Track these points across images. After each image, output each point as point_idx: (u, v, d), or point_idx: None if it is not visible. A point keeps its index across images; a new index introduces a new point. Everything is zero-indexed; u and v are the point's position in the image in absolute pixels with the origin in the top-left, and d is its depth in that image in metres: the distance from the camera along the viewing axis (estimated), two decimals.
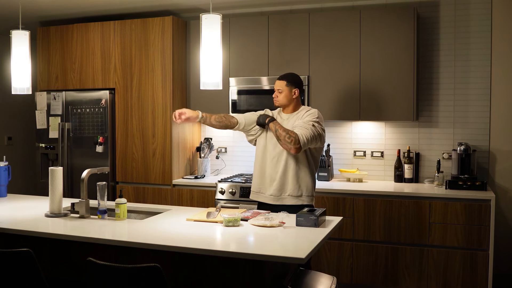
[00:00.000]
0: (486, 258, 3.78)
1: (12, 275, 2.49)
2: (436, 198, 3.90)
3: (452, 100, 4.37)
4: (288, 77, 3.37)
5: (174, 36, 4.65)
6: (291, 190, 3.27)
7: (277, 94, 3.37)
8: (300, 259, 2.21)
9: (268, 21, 4.50)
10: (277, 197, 3.30)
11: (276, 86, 3.37)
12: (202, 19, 2.92)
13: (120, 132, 4.80)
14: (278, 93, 3.36)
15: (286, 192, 3.28)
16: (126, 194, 4.72)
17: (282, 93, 3.34)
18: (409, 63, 4.14)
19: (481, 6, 4.25)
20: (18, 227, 2.77)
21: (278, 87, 3.36)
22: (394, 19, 4.17)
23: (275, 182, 3.30)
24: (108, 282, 2.26)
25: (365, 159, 4.60)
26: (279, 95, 3.36)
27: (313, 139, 3.17)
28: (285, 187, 3.28)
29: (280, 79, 3.37)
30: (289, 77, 3.37)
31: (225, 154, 5.04)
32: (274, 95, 3.38)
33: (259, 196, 3.40)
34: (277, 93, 3.36)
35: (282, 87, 3.34)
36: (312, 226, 2.73)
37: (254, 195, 3.45)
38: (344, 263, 4.11)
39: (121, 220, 2.93)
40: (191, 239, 2.53)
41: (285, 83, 3.34)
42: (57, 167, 3.10)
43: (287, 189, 3.28)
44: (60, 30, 5.00)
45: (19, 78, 3.51)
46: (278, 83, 3.36)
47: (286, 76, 3.38)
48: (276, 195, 3.30)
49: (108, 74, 4.83)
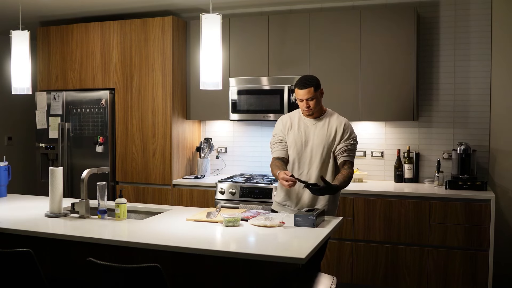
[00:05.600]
0: (486, 258, 3.78)
1: (12, 275, 2.49)
2: (436, 198, 3.90)
3: (452, 100, 4.37)
4: (311, 81, 3.09)
5: (174, 36, 4.65)
6: (322, 206, 3.12)
7: (308, 104, 3.09)
8: (300, 259, 2.21)
9: (268, 21, 4.50)
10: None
11: (303, 96, 3.07)
12: (202, 19, 2.92)
13: (120, 132, 4.80)
14: (309, 103, 3.09)
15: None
16: (126, 194, 4.72)
17: (314, 100, 3.08)
18: (409, 63, 4.14)
19: (481, 6, 4.25)
20: (18, 227, 2.77)
21: (307, 96, 3.06)
22: (394, 19, 4.17)
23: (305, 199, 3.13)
24: (108, 282, 2.26)
25: (365, 159, 4.60)
26: (311, 104, 3.09)
27: (355, 155, 3.19)
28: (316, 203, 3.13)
29: (305, 87, 3.06)
30: (312, 81, 3.09)
31: (225, 154, 5.04)
32: (305, 105, 3.09)
33: (285, 208, 3.21)
34: (308, 103, 3.09)
35: (312, 94, 3.06)
36: (310, 226, 2.73)
37: (278, 206, 3.25)
38: (344, 263, 4.11)
39: (121, 220, 2.93)
40: (191, 239, 2.53)
41: (313, 89, 3.06)
42: (57, 167, 3.10)
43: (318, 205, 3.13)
44: (60, 30, 5.00)
45: (19, 78, 3.51)
46: (306, 91, 3.06)
47: (309, 81, 3.09)
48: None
49: (108, 74, 4.83)
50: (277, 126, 3.28)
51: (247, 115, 4.54)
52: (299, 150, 3.17)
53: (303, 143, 3.16)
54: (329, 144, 3.13)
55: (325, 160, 3.14)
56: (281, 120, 3.29)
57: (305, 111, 3.14)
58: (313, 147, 3.15)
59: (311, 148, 3.15)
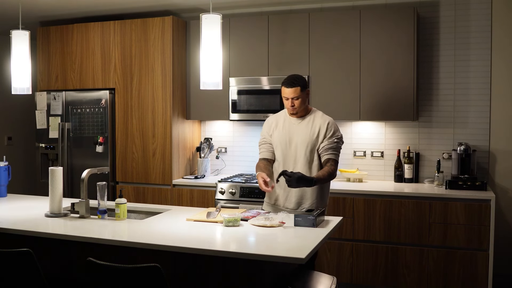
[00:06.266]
0: (486, 258, 3.78)
1: (12, 275, 2.49)
2: (436, 198, 3.89)
3: (452, 100, 4.37)
4: (298, 80, 3.11)
5: (174, 36, 4.65)
6: (309, 205, 3.16)
7: (293, 103, 3.10)
8: (300, 259, 2.21)
9: (268, 21, 4.50)
10: (294, 210, 3.16)
11: (289, 94, 3.09)
12: (202, 19, 2.92)
13: (120, 132, 4.80)
14: (294, 102, 3.11)
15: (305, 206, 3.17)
16: (126, 194, 4.72)
17: (299, 100, 3.10)
18: (409, 63, 4.14)
19: (481, 6, 4.25)
20: (18, 227, 2.77)
21: (293, 95, 3.09)
22: (394, 19, 4.17)
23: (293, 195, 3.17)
24: (108, 282, 2.26)
25: (365, 159, 4.60)
26: (296, 103, 3.11)
27: (339, 153, 3.20)
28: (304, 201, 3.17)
29: (292, 86, 3.09)
30: (299, 81, 3.12)
31: (225, 154, 5.04)
32: (290, 104, 3.11)
33: (275, 207, 3.24)
34: (293, 102, 3.11)
35: (298, 93, 3.09)
36: (310, 226, 2.73)
37: (268, 206, 3.30)
38: (344, 263, 4.11)
39: (121, 220, 2.93)
40: (191, 239, 2.53)
41: (299, 88, 3.08)
42: (57, 167, 3.10)
43: (306, 203, 3.16)
44: (60, 30, 5.00)
45: (19, 78, 3.51)
46: (292, 90, 3.08)
47: (296, 80, 3.11)
48: (294, 208, 3.17)
49: (108, 74, 4.83)
50: (263, 127, 3.35)
51: (247, 115, 4.54)
52: (284, 149, 3.21)
53: (287, 142, 3.20)
54: (313, 143, 3.15)
55: (309, 158, 3.16)
56: (267, 121, 3.35)
57: (290, 109, 3.18)
58: (297, 145, 3.17)
59: (295, 147, 3.18)
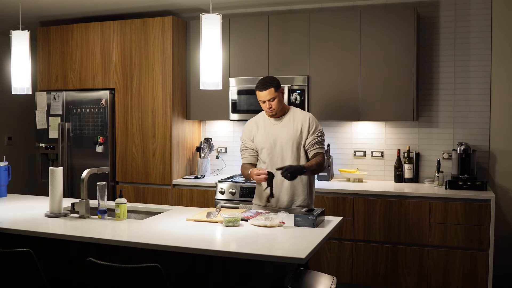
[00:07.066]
0: (486, 258, 3.78)
1: (12, 275, 2.49)
2: (436, 198, 3.89)
3: (452, 100, 4.37)
4: (271, 82, 3.15)
5: (174, 36, 4.65)
6: (301, 201, 3.20)
7: (270, 104, 3.14)
8: (300, 259, 2.21)
9: (268, 21, 4.50)
10: (287, 208, 3.18)
11: (265, 97, 3.13)
12: (202, 19, 2.92)
13: (120, 132, 4.80)
14: (271, 103, 3.14)
15: (296, 203, 3.20)
16: (126, 194, 4.72)
17: (275, 100, 3.14)
18: (409, 63, 4.14)
19: (481, 6, 4.25)
20: (18, 227, 2.77)
21: (269, 97, 3.12)
22: (394, 19, 4.17)
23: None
24: (108, 282, 2.26)
25: (365, 159, 4.60)
26: (273, 104, 3.14)
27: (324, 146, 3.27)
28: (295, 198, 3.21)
29: (266, 88, 3.12)
30: (272, 82, 3.15)
31: (225, 154, 5.04)
32: (268, 106, 3.15)
33: (267, 209, 3.23)
34: (270, 104, 3.14)
35: (273, 94, 3.12)
36: (310, 226, 2.74)
37: (260, 208, 3.29)
38: (344, 263, 4.11)
39: (121, 220, 2.93)
40: (191, 239, 2.53)
41: (273, 89, 3.12)
42: (57, 167, 3.10)
43: (297, 200, 3.20)
44: (60, 30, 5.00)
45: (19, 78, 3.51)
46: (267, 92, 3.12)
47: (269, 82, 3.14)
48: (287, 207, 3.19)
49: (108, 74, 4.83)
50: (243, 132, 3.36)
51: (247, 115, 4.53)
52: (270, 151, 3.22)
53: (272, 143, 3.21)
54: (298, 139, 3.19)
55: (296, 155, 3.19)
56: (246, 126, 3.35)
57: (268, 111, 3.21)
58: (282, 145, 3.19)
59: (281, 146, 3.19)
